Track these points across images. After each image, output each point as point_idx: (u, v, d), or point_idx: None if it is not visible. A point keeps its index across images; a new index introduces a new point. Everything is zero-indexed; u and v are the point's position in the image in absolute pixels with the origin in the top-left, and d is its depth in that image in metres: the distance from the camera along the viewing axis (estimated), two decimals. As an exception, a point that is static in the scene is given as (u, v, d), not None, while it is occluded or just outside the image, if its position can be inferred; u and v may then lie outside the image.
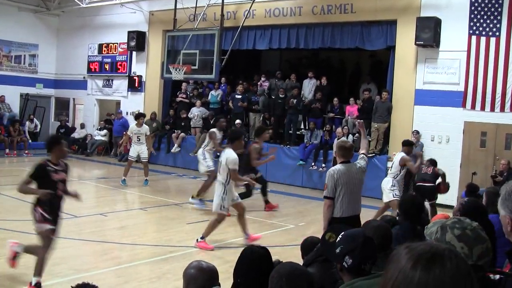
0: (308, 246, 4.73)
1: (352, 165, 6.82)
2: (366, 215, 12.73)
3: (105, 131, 22.24)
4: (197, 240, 9.03)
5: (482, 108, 14.05)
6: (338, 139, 15.00)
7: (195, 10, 17.50)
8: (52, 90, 24.89)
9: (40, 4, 23.34)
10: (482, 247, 2.12)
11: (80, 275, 6.96)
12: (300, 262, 4.67)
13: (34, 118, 23.28)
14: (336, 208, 6.62)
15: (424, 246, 1.44)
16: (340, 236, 3.16)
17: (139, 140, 15.39)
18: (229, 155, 8.93)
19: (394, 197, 10.63)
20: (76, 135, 22.94)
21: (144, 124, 15.83)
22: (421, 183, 11.46)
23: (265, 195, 12.82)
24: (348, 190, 6.60)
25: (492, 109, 13.92)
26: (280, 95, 17.97)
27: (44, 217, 6.59)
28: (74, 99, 24.55)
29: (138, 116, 15.85)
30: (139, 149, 15.41)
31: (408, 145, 11.43)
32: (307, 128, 17.65)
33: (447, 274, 1.36)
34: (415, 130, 14.76)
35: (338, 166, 6.73)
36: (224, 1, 16.54)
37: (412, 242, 1.52)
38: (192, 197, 12.84)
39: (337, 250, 3.08)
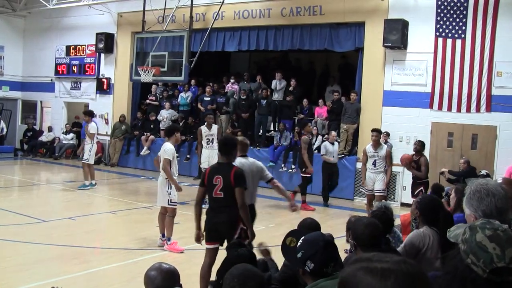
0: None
1: (248, 159, 7.17)
2: (340, 214, 12.88)
3: (71, 135, 22.00)
4: (160, 240, 9.08)
5: (449, 109, 14.28)
6: (331, 143, 14.52)
7: (164, 11, 17.41)
8: (18, 93, 24.49)
9: (5, 5, 22.93)
10: None
11: (50, 280, 6.89)
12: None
13: (1, 121, 22.89)
14: None
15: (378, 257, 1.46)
16: (300, 241, 3.18)
17: (85, 138, 15.05)
18: (166, 147, 9.09)
19: None
20: (44, 138, 22.64)
21: (92, 123, 15.26)
22: None
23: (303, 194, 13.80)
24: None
25: (459, 110, 14.15)
26: (242, 97, 18.03)
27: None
28: (41, 101, 24.16)
29: (84, 114, 15.35)
30: (85, 149, 15.00)
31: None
32: (276, 129, 17.69)
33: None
34: (384, 132, 14.90)
35: (238, 159, 6.95)
36: (193, 3, 16.50)
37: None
38: None
39: (299, 255, 3.10)
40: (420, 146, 12.00)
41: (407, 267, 1.46)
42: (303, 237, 3.20)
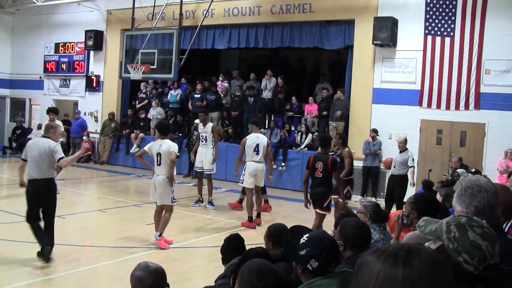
0: (275, 233, 4.54)
1: (44, 140, 8.12)
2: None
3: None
4: (156, 237, 9.02)
5: (438, 106, 14.35)
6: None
7: (154, 9, 17.37)
8: (7, 90, 24.28)
9: (-6, 2, 22.81)
10: (498, 245, 2.15)
11: (39, 279, 6.86)
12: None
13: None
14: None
15: (394, 245, 1.48)
16: (305, 239, 3.13)
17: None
18: (170, 143, 9.26)
19: None
20: (33, 136, 22.43)
21: (57, 120, 14.66)
22: None
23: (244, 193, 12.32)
24: (32, 158, 8.00)
25: (448, 107, 14.22)
26: (237, 93, 17.97)
27: None
28: (30, 99, 24.00)
29: (48, 111, 14.77)
30: None
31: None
32: (266, 127, 17.62)
33: (426, 265, 1.40)
34: (373, 129, 14.94)
35: (41, 139, 8.23)
36: (183, 0, 16.48)
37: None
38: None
39: (302, 253, 3.06)
40: (341, 139, 11.58)
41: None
42: (307, 235, 3.17)
